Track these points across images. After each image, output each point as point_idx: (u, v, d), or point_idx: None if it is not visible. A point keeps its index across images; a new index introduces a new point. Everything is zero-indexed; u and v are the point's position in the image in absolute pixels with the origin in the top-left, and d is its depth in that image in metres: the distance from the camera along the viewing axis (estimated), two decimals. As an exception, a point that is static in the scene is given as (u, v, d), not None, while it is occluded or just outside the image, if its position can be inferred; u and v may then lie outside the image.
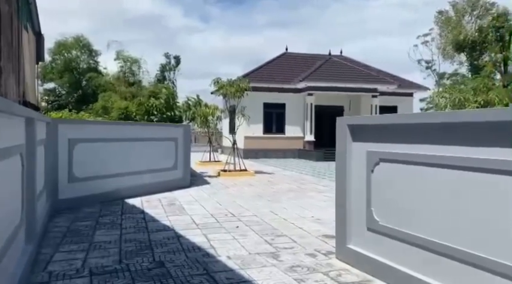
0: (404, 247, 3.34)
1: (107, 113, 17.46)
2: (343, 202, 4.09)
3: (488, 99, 8.76)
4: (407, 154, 3.33)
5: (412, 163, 3.29)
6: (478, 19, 28.84)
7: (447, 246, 2.93)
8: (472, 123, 2.81)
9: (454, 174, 2.91)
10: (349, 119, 4.14)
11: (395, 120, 3.57)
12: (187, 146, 9.91)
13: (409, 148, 3.33)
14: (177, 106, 11.20)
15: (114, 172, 7.84)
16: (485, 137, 2.70)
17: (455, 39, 28.03)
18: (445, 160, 2.97)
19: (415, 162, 3.26)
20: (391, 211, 3.51)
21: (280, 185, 10.26)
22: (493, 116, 2.71)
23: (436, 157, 3.05)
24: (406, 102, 22.94)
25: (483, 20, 28.44)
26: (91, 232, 5.28)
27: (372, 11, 68.23)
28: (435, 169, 3.07)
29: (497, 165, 2.60)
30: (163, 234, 5.19)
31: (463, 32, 28.38)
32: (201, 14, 78.16)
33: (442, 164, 3.00)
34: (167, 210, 6.82)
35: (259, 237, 5.04)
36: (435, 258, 3.05)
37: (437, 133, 3.07)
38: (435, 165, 3.06)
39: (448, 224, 2.93)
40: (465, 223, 2.81)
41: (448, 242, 2.92)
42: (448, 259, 2.94)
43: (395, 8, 67.38)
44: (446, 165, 2.97)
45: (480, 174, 2.73)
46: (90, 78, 37.53)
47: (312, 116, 20.38)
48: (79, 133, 7.20)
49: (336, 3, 72.28)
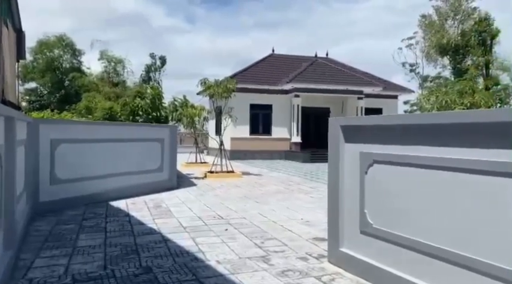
0: (400, 251, 3.28)
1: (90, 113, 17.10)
2: (335, 205, 4.02)
3: (474, 102, 8.86)
4: (402, 155, 3.27)
5: (407, 165, 3.23)
6: (461, 23, 29.41)
7: (444, 250, 2.88)
8: (469, 124, 2.77)
9: (451, 176, 2.86)
10: (342, 120, 4.06)
11: (389, 121, 3.51)
12: (173, 147, 9.74)
13: (404, 150, 3.27)
14: (163, 107, 11.00)
15: (98, 174, 7.62)
16: (483, 138, 2.65)
17: (439, 42, 28.47)
18: (441, 162, 2.92)
19: (410, 163, 3.20)
20: (385, 213, 3.44)
21: (267, 186, 10.17)
22: (491, 117, 2.66)
23: (432, 159, 2.99)
24: (391, 104, 23.16)
25: (465, 24, 29.01)
26: (74, 236, 5.08)
27: (358, 14, 69.01)
28: (431, 171, 3.01)
29: (495, 166, 2.55)
30: (150, 238, 5.03)
31: (446, 36, 28.88)
32: (187, 14, 77.71)
33: (438, 166, 2.95)
34: (153, 213, 6.65)
35: (248, 240, 4.93)
36: (431, 262, 2.99)
37: (433, 135, 3.02)
38: (431, 166, 3.01)
39: (445, 227, 2.88)
40: (463, 225, 2.76)
41: (444, 245, 2.87)
42: (445, 262, 2.89)
43: (380, 11, 68.27)
44: (443, 167, 2.92)
45: (478, 176, 2.68)
46: (73, 78, 36.83)
47: (299, 117, 20.37)
48: (61, 133, 6.97)
49: (322, 5, 72.81)
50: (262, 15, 75.99)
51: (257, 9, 76.80)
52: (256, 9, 76.74)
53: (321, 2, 72.56)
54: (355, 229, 3.79)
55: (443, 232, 2.89)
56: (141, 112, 10.22)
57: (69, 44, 38.91)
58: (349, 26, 69.45)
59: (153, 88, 11.03)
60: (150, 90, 10.79)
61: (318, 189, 9.85)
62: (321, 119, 22.13)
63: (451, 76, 28.68)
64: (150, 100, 10.35)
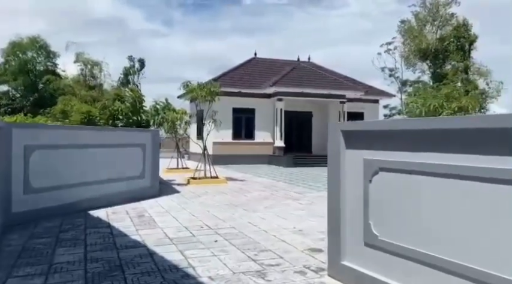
0: (409, 265, 3.06)
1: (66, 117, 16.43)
2: (336, 215, 3.78)
3: (461, 106, 8.89)
4: (411, 163, 3.06)
5: (417, 173, 3.02)
6: (439, 29, 30.00)
7: (458, 264, 2.67)
8: (487, 129, 2.57)
9: (466, 185, 2.66)
10: (343, 125, 3.84)
11: (398, 126, 3.29)
12: (155, 153, 9.34)
13: (414, 157, 3.06)
14: (144, 111, 10.59)
15: (76, 182, 7.18)
16: (501, 145, 2.46)
17: (419, 47, 28.92)
18: (455, 170, 2.71)
19: (421, 171, 2.99)
20: (392, 225, 3.22)
21: (253, 193, 9.89)
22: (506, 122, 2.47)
23: (445, 167, 2.79)
24: (372, 108, 23.30)
25: (443, 30, 29.60)
26: (50, 250, 4.67)
27: (334, 20, 69.80)
28: (445, 179, 2.81)
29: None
30: (135, 251, 4.67)
31: (424, 41, 29.38)
32: (164, 18, 76.85)
33: (452, 174, 2.74)
34: (136, 223, 6.27)
35: (241, 253, 4.64)
36: (445, 278, 2.78)
37: (446, 140, 2.81)
38: (445, 175, 2.80)
39: (460, 239, 2.67)
40: (481, 239, 2.56)
41: (459, 259, 2.66)
42: (460, 278, 2.68)
43: (355, 17, 69.27)
44: (458, 175, 2.72)
45: (496, 185, 2.49)
46: (47, 81, 35.56)
47: (282, 121, 20.18)
48: (36, 138, 6.52)
49: (299, 11, 73.19)
50: (239, 20, 75.90)
51: (235, 14, 76.70)
52: (234, 14, 76.60)
53: (298, 8, 73.07)
54: (358, 241, 3.55)
55: (458, 245, 2.68)
56: (121, 116, 9.77)
57: (43, 46, 37.61)
58: (325, 32, 70.16)
59: (133, 91, 10.60)
60: (130, 93, 10.36)
61: (305, 194, 9.64)
62: (303, 123, 22.09)
63: (430, 81, 29.21)
64: (131, 104, 9.92)
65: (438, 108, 8.47)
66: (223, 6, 75.28)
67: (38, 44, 37.05)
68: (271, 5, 70.81)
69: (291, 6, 72.51)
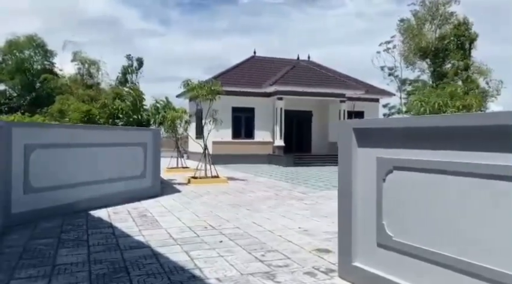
0: (424, 266, 2.98)
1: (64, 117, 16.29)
2: (347, 215, 3.69)
3: (466, 104, 8.82)
4: (428, 161, 2.97)
5: (433, 172, 2.94)
6: (438, 28, 29.96)
7: (473, 264, 2.59)
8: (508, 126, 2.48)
9: (484, 184, 2.58)
10: (355, 122, 3.75)
11: (412, 123, 3.21)
12: (156, 152, 9.23)
13: (430, 155, 2.97)
14: (144, 109, 10.46)
15: (76, 181, 7.07)
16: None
17: (419, 46, 28.84)
18: (475, 168, 2.63)
19: (436, 170, 2.90)
20: (407, 225, 3.14)
21: (256, 192, 9.79)
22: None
23: (464, 165, 2.70)
24: (372, 107, 23.23)
25: (443, 28, 29.56)
26: (53, 251, 4.56)
27: (329, 20, 69.73)
28: (464, 178, 2.73)
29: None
30: (139, 252, 4.57)
31: (424, 40, 29.32)
32: (161, 17, 76.45)
33: (472, 173, 2.66)
34: (139, 223, 6.16)
35: (247, 253, 4.54)
36: (459, 278, 2.69)
37: (465, 138, 2.73)
38: (463, 173, 2.72)
39: (479, 240, 2.59)
40: (498, 238, 2.47)
41: (477, 260, 2.58)
42: (475, 278, 2.60)
43: (351, 17, 69.18)
44: (475, 174, 2.63)
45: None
46: (45, 80, 35.33)
47: (282, 121, 20.07)
48: (36, 137, 6.40)
49: (295, 11, 73.01)
50: (236, 20, 75.68)
51: (231, 14, 76.45)
52: (230, 14, 76.36)
53: (294, 7, 72.91)
54: (370, 242, 3.47)
55: (475, 245, 2.60)
56: (121, 115, 9.65)
57: (41, 45, 37.34)
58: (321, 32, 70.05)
59: (133, 89, 10.48)
60: (130, 91, 10.24)
61: (309, 194, 9.56)
62: (303, 122, 21.99)
63: (429, 80, 29.16)
64: (131, 102, 9.80)
65: (442, 106, 8.41)
66: (220, 5, 75.10)
67: (35, 43, 36.79)
68: (268, 4, 70.76)
69: (288, 6, 72.42)
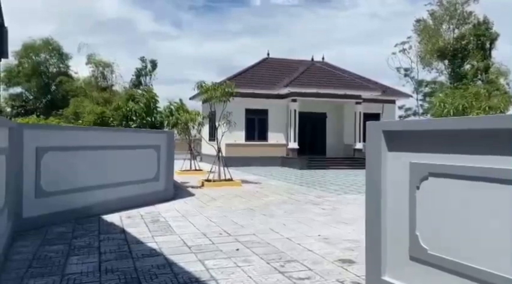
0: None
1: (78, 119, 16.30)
2: (376, 224, 3.40)
3: (491, 105, 8.45)
4: (469, 167, 2.68)
5: (476, 179, 2.64)
6: (456, 28, 29.29)
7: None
8: None
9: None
10: (385, 124, 3.46)
11: (452, 125, 2.91)
12: (170, 154, 9.05)
13: (472, 160, 2.68)
14: (158, 111, 10.32)
15: (89, 185, 6.91)
16: None
17: (435, 47, 28.22)
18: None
19: (480, 177, 2.61)
20: (445, 237, 2.84)
21: (270, 196, 9.53)
22: None
23: (510, 172, 2.41)
24: (389, 109, 22.76)
25: (461, 28, 28.89)
26: (63, 259, 4.38)
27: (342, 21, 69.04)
28: (510, 187, 2.43)
29: None
30: (152, 261, 4.35)
31: (441, 40, 28.67)
32: (174, 20, 76.72)
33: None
34: (152, 229, 5.96)
35: (265, 263, 4.29)
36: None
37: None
38: (510, 181, 2.42)
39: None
40: None
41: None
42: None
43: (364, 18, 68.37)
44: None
45: None
46: (60, 83, 35.74)
47: (296, 123, 19.76)
48: (48, 140, 6.26)
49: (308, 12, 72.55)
50: (248, 22, 75.60)
51: (244, 16, 76.40)
52: (243, 16, 76.33)
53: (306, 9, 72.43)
54: (402, 255, 3.17)
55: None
56: (134, 117, 9.51)
57: (56, 48, 37.79)
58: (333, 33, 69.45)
59: (147, 91, 10.34)
60: (144, 93, 10.09)
61: (325, 198, 9.25)
62: (317, 125, 21.65)
63: (447, 81, 28.47)
64: (144, 104, 9.66)
65: (467, 108, 8.06)
66: (231, 8, 75.09)
67: (50, 46, 37.25)
68: (279, 6, 70.41)
69: (300, 7, 71.96)
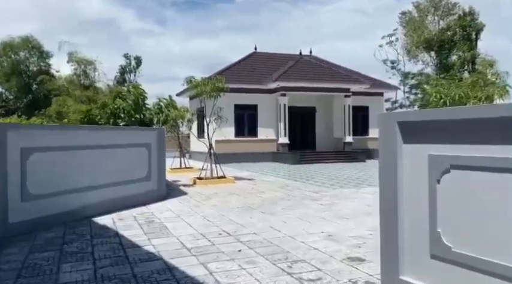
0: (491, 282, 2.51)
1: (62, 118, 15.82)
2: (392, 220, 3.21)
3: (488, 95, 8.43)
4: (497, 159, 2.50)
5: (505, 171, 2.47)
6: (441, 19, 29.45)
7: None
8: None
9: None
10: (400, 115, 3.27)
11: (479, 114, 2.73)
12: (161, 152, 8.75)
13: (501, 151, 2.50)
14: (147, 108, 9.98)
15: (78, 186, 6.61)
16: None
17: (421, 39, 28.31)
18: None
19: (510, 169, 2.44)
20: (471, 234, 2.66)
21: (266, 193, 9.31)
22: None
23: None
24: (377, 101, 22.75)
25: (445, 20, 29.06)
26: (55, 267, 4.10)
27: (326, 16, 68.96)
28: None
29: None
30: (150, 266, 4.10)
31: (426, 32, 28.80)
32: (157, 17, 75.38)
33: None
34: (147, 231, 5.69)
35: (271, 264, 4.08)
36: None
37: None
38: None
39: None
40: None
41: None
42: None
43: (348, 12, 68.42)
44: None
45: None
46: (41, 82, 34.81)
47: (286, 117, 19.56)
48: (34, 140, 5.92)
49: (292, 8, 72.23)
50: (233, 18, 74.85)
51: (229, 12, 75.66)
52: (228, 12, 75.56)
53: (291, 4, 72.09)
54: (422, 253, 2.99)
55: None
56: (122, 115, 9.17)
57: (36, 46, 36.78)
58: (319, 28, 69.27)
59: (135, 88, 9.99)
60: (132, 90, 9.75)
61: (322, 193, 9.09)
62: (307, 119, 21.50)
63: (434, 73, 28.64)
64: (133, 101, 9.32)
65: (463, 97, 8.00)
66: (217, 3, 74.25)
67: (30, 44, 36.22)
68: (264, 2, 69.97)
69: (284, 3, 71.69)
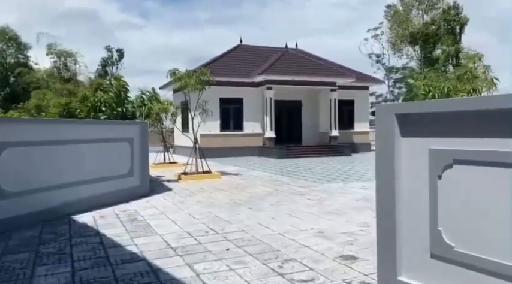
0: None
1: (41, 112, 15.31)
2: (389, 218, 3.05)
3: (475, 88, 8.39)
4: (504, 153, 2.35)
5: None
6: (425, 13, 29.60)
7: None
8: None
9: None
10: (398, 107, 3.10)
11: (484, 105, 2.57)
12: (144, 147, 8.46)
13: (508, 145, 2.35)
14: (129, 102, 9.63)
15: (56, 183, 6.29)
16: None
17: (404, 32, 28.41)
18: None
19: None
20: (475, 233, 2.52)
21: (254, 188, 9.12)
22: None
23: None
24: (363, 95, 22.76)
25: (429, 14, 29.23)
26: (29, 271, 3.82)
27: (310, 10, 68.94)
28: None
29: None
30: (133, 268, 3.87)
31: (410, 25, 28.93)
32: (140, 9, 73.95)
33: None
34: (129, 229, 5.43)
35: (261, 264, 3.89)
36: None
37: None
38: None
39: None
40: None
41: None
42: None
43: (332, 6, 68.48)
44: None
45: None
46: (19, 74, 33.75)
47: (272, 111, 19.34)
48: (7, 134, 5.58)
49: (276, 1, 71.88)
50: (217, 11, 74.06)
51: (212, 5, 74.78)
52: (211, 5, 74.67)
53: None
54: (422, 252, 2.84)
55: None
56: (104, 108, 8.82)
57: (13, 37, 35.63)
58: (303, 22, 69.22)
59: (117, 80, 9.61)
60: (113, 82, 9.38)
61: (310, 188, 8.95)
62: (293, 113, 21.34)
63: (418, 67, 28.81)
64: (115, 94, 8.96)
65: (451, 90, 7.94)
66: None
67: (7, 35, 35.06)
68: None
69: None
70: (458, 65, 23.25)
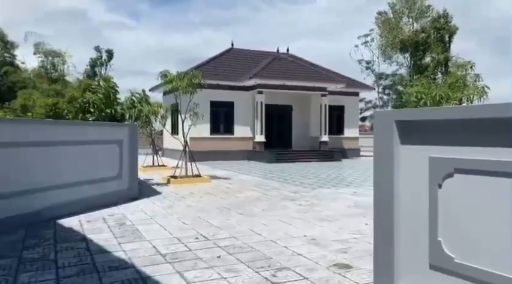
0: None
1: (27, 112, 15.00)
2: (387, 227, 2.98)
3: (468, 96, 8.46)
4: (507, 162, 2.30)
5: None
6: (415, 21, 29.97)
7: None
8: None
9: None
10: (398, 113, 3.03)
11: (486, 113, 2.51)
12: (134, 150, 8.29)
13: (510, 154, 2.30)
14: (118, 103, 9.44)
15: (42, 185, 6.10)
16: None
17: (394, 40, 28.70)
18: None
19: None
20: (475, 243, 2.46)
21: (244, 193, 9.01)
22: None
23: None
24: (353, 101, 22.84)
25: (419, 22, 29.60)
26: (11, 278, 3.66)
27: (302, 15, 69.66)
28: None
29: None
30: (121, 275, 3.73)
31: (400, 33, 29.22)
32: (130, 10, 73.62)
33: None
34: (117, 234, 5.28)
35: (254, 273, 3.79)
36: None
37: None
38: None
39: None
40: None
41: None
42: None
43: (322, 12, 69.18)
44: None
45: None
46: (5, 74, 33.13)
47: (263, 115, 19.25)
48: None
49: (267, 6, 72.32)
50: (209, 14, 74.15)
51: (204, 7, 74.87)
52: (203, 7, 74.76)
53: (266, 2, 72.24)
54: (420, 263, 2.78)
55: None
56: (92, 109, 8.63)
57: (0, 36, 35.01)
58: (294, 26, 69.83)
59: (106, 81, 9.44)
60: (103, 83, 9.20)
61: (301, 193, 8.87)
62: (283, 117, 21.30)
63: (408, 74, 29.09)
64: (103, 95, 8.78)
65: (443, 98, 7.98)
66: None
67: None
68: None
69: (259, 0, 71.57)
70: (447, 73, 23.55)
